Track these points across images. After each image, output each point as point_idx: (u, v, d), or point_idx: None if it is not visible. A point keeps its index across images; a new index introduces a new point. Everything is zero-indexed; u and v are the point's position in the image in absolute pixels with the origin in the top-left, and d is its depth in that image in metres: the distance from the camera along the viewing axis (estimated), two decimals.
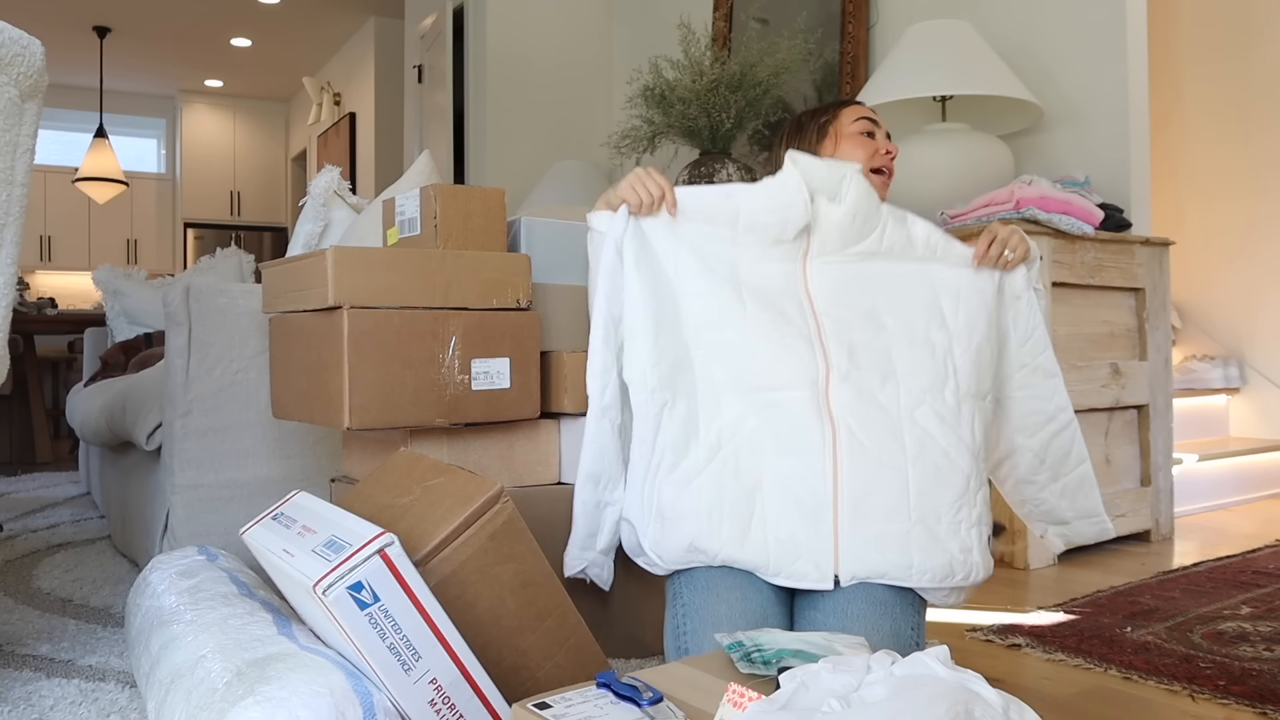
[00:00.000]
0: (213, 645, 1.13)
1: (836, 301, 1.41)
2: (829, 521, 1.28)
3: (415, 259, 1.53)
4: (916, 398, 1.36)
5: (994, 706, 0.82)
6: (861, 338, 1.38)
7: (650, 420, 1.37)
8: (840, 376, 1.35)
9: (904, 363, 1.37)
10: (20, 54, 1.36)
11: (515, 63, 4.76)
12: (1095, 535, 1.56)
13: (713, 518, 1.30)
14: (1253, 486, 3.32)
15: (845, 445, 1.31)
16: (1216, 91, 3.87)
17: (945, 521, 1.31)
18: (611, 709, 0.89)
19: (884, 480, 1.30)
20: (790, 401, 1.34)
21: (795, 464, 1.30)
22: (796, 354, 1.36)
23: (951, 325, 1.42)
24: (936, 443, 1.34)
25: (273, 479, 2.06)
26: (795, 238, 1.41)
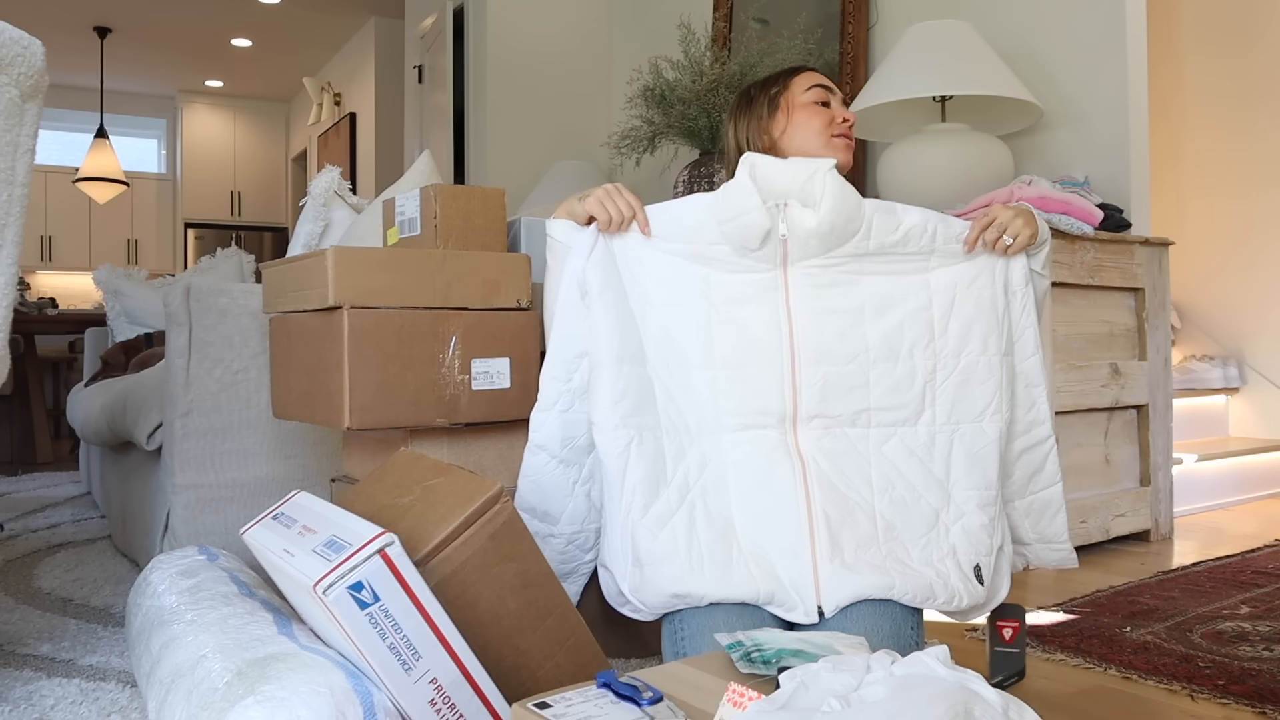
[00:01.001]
0: (213, 645, 1.13)
1: (818, 312, 1.34)
2: (807, 556, 1.25)
3: (415, 259, 1.53)
4: (887, 431, 1.33)
5: (994, 706, 0.82)
6: (837, 364, 1.33)
7: (615, 459, 1.31)
8: (808, 415, 1.32)
9: (879, 394, 1.33)
10: (21, 54, 1.37)
11: (515, 63, 4.76)
12: (1056, 563, 1.48)
13: (692, 559, 1.26)
14: (1252, 486, 3.32)
15: (815, 480, 1.29)
16: (1216, 91, 3.88)
17: (915, 554, 1.29)
18: (611, 709, 0.89)
19: (855, 515, 1.28)
20: (756, 440, 1.30)
21: (765, 501, 1.27)
22: (764, 390, 1.32)
23: (939, 345, 1.36)
24: (903, 477, 1.32)
25: (273, 479, 2.07)
26: (764, 244, 1.34)
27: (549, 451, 1.39)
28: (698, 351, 1.34)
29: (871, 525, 1.28)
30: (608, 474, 1.32)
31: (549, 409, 1.38)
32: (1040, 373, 1.42)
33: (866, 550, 1.26)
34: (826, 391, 1.32)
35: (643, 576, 1.27)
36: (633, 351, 1.33)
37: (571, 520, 1.43)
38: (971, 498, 1.34)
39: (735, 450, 1.30)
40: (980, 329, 1.36)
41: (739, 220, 1.33)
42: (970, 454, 1.35)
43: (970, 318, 1.36)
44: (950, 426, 1.35)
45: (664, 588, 1.25)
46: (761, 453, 1.30)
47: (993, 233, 1.38)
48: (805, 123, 1.48)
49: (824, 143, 1.47)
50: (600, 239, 1.36)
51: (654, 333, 1.35)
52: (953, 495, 1.33)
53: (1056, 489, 1.45)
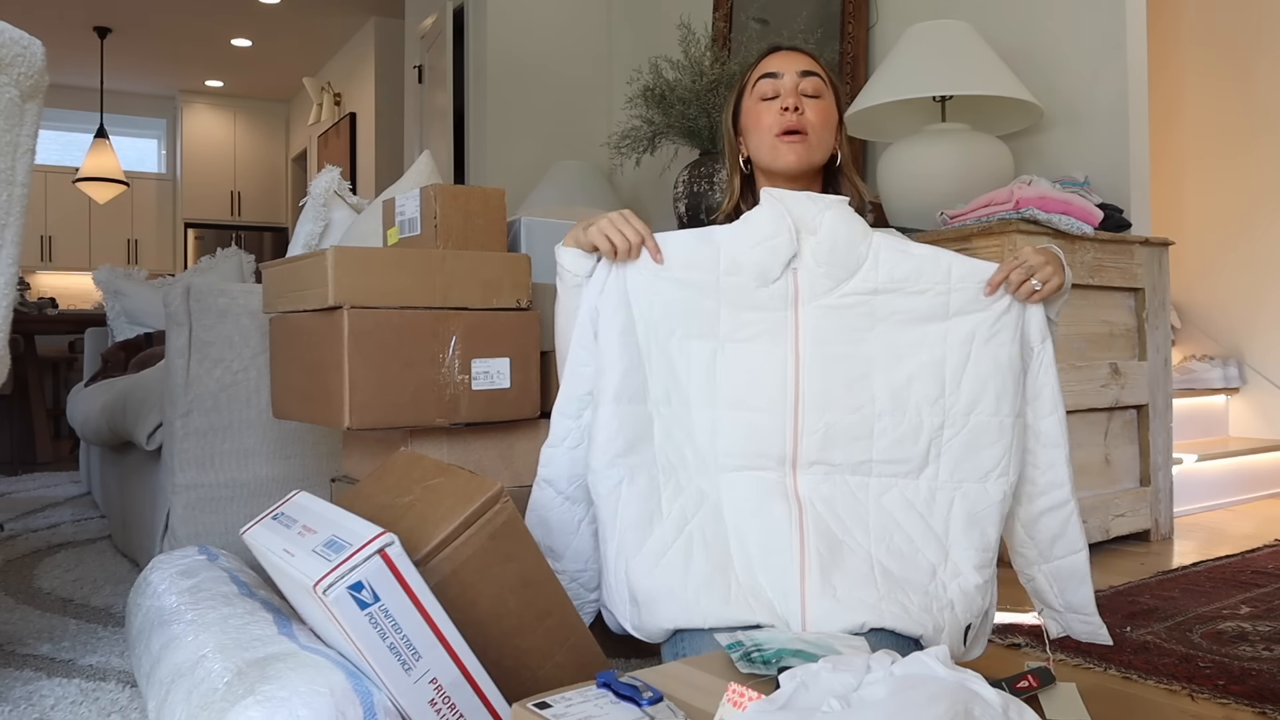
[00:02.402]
0: (213, 645, 1.13)
1: (827, 358, 1.30)
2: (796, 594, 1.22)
3: (415, 259, 1.53)
4: (887, 482, 1.29)
5: (993, 706, 0.82)
6: (842, 413, 1.29)
7: (606, 499, 1.29)
8: (808, 461, 1.29)
9: (883, 447, 1.29)
10: (21, 54, 1.37)
11: (515, 63, 4.76)
12: (1086, 636, 1.40)
13: (688, 592, 1.23)
14: (1252, 486, 3.32)
15: (811, 522, 1.26)
16: (1217, 91, 3.88)
17: (914, 600, 1.23)
18: (611, 709, 0.89)
19: (849, 558, 1.24)
20: (753, 481, 1.28)
21: (760, 539, 1.25)
22: (765, 433, 1.29)
23: (949, 402, 1.30)
24: (901, 529, 1.28)
25: (273, 479, 2.07)
26: (782, 275, 1.30)
27: (556, 488, 1.38)
28: (701, 388, 1.31)
29: (868, 569, 1.24)
30: (601, 514, 1.31)
31: (558, 445, 1.36)
32: (1060, 432, 1.34)
33: (861, 589, 1.22)
34: (829, 439, 1.29)
35: (641, 616, 1.26)
36: (634, 389, 1.30)
37: (576, 558, 1.41)
38: (969, 558, 1.29)
39: (732, 489, 1.28)
40: (995, 387, 1.30)
41: (769, 244, 1.29)
42: (970, 514, 1.30)
43: (985, 375, 1.30)
44: (953, 485, 1.30)
45: (663, 624, 1.24)
46: (758, 492, 1.27)
47: (1020, 274, 1.29)
48: (754, 127, 1.42)
49: (770, 148, 1.40)
50: (612, 269, 1.32)
51: (658, 366, 1.31)
52: (950, 553, 1.29)
53: (1080, 557, 1.37)
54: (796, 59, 1.44)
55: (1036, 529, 1.37)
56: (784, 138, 1.38)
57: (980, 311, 1.30)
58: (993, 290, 1.30)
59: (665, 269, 1.31)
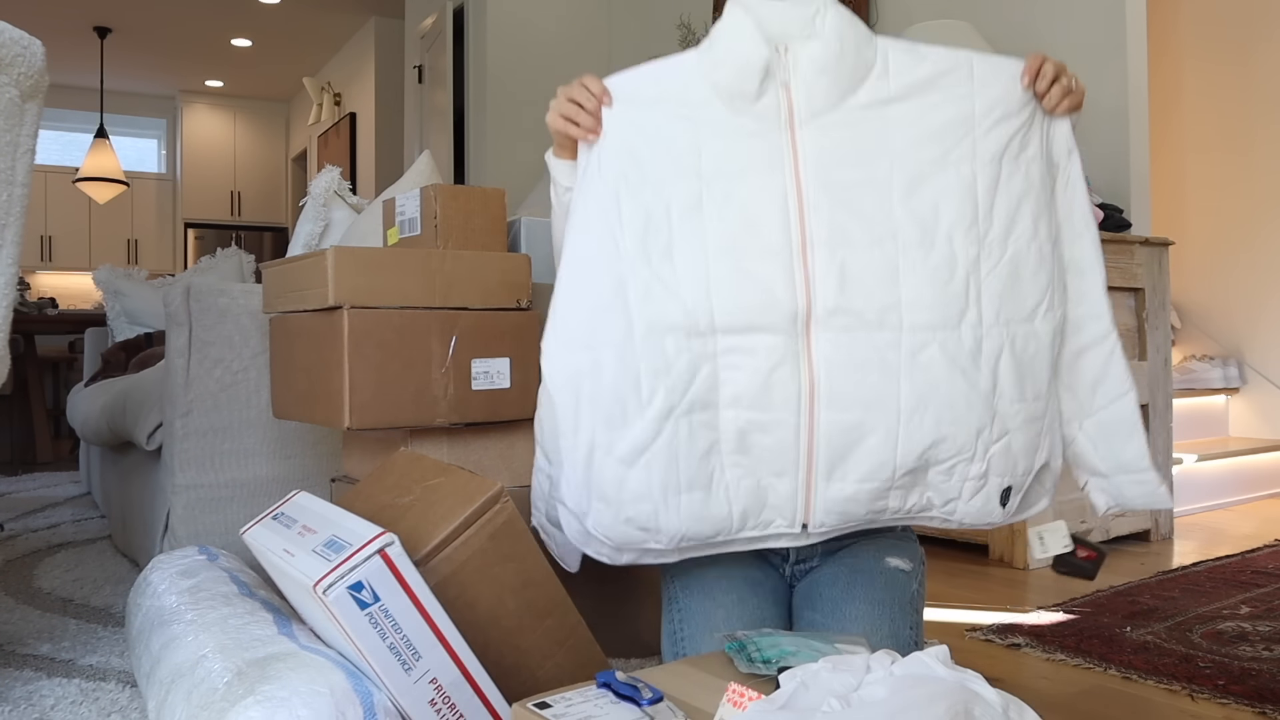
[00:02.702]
0: (213, 645, 1.13)
1: (834, 186, 1.09)
2: (801, 478, 1.09)
3: (415, 259, 1.53)
4: (923, 337, 1.08)
5: (994, 706, 0.82)
6: (861, 247, 1.08)
7: (565, 390, 1.13)
8: (826, 312, 1.07)
9: (912, 287, 1.08)
10: (21, 54, 1.37)
11: (515, 63, 4.76)
12: (1142, 500, 1.21)
13: (669, 497, 1.09)
14: (1252, 486, 3.32)
15: (825, 399, 1.08)
16: (1216, 91, 3.88)
17: (934, 476, 1.11)
18: (611, 709, 0.89)
19: (868, 440, 1.09)
20: (758, 349, 1.08)
21: (760, 420, 1.08)
22: (767, 284, 1.08)
23: (983, 228, 1.10)
24: (940, 393, 1.09)
25: (273, 479, 2.07)
26: (762, 91, 1.09)
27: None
28: (687, 240, 1.09)
29: (890, 453, 1.09)
30: (557, 408, 1.13)
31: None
32: (1094, 257, 1.17)
33: (874, 479, 1.10)
34: (846, 281, 1.07)
35: (610, 512, 1.11)
36: (601, 250, 1.11)
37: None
38: (1019, 413, 1.12)
39: (732, 355, 1.08)
40: (1030, 208, 1.11)
41: (731, 59, 1.10)
42: (1021, 361, 1.11)
43: (1019, 195, 1.11)
44: (1000, 328, 1.10)
45: (633, 521, 1.10)
46: (764, 365, 1.08)
47: (1051, 68, 1.12)
48: None
49: None
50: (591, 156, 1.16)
51: (633, 219, 1.10)
52: (999, 411, 1.10)
53: (1126, 403, 1.19)
54: None
55: (1074, 374, 1.19)
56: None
57: (1010, 120, 1.12)
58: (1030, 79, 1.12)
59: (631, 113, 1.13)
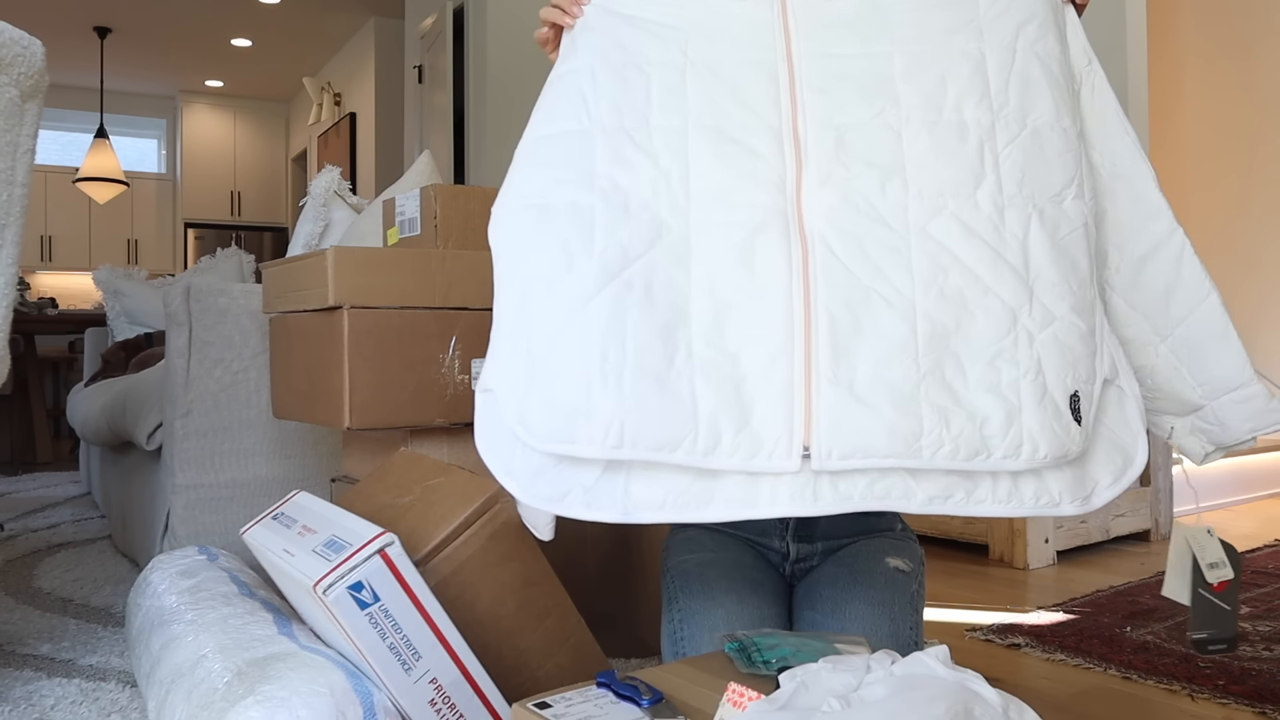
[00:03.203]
0: (213, 645, 1.13)
1: (828, 57, 0.99)
2: (798, 365, 0.89)
3: (415, 259, 1.53)
4: (933, 204, 0.94)
5: (994, 706, 0.82)
6: (858, 116, 0.97)
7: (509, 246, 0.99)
8: (819, 179, 0.95)
9: (918, 152, 0.95)
10: (21, 54, 1.37)
11: (515, 63, 4.76)
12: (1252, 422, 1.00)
13: (608, 361, 0.89)
14: (1252, 486, 3.32)
15: (822, 269, 0.92)
16: (1216, 92, 3.88)
17: (974, 374, 0.90)
18: (611, 709, 0.89)
19: (877, 312, 0.91)
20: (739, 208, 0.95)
21: (742, 283, 0.92)
22: (753, 148, 0.97)
23: (998, 100, 0.97)
24: (960, 263, 0.92)
25: (273, 479, 2.07)
26: None
27: None
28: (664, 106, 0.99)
29: (907, 329, 0.90)
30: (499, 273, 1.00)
31: None
32: (1139, 157, 1.02)
33: (891, 368, 0.89)
34: (842, 148, 0.96)
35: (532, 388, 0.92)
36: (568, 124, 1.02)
37: None
38: (1063, 296, 0.93)
39: (707, 218, 0.94)
40: (1051, 95, 0.99)
41: None
42: (1054, 239, 0.95)
43: (1037, 80, 0.99)
44: (1023, 200, 0.95)
45: (557, 402, 0.89)
46: (745, 225, 0.94)
47: None
48: None
49: None
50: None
51: (609, 86, 1.01)
52: (1036, 291, 0.93)
53: (1211, 305, 1.00)
54: None
55: (1139, 287, 1.02)
56: None
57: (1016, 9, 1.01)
58: None
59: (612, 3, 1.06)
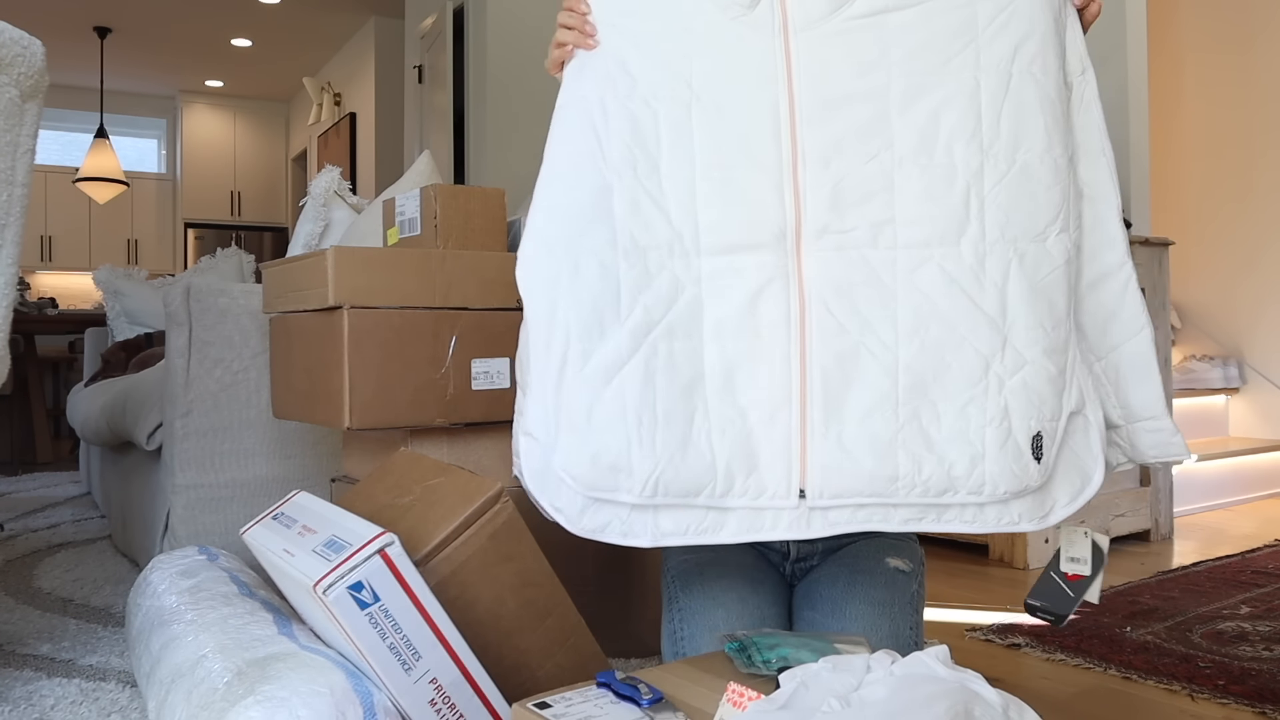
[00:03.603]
0: (213, 645, 1.13)
1: (829, 98, 1.04)
2: (795, 422, 1.03)
3: (415, 259, 1.53)
4: (920, 254, 1.03)
5: (994, 706, 0.82)
6: (855, 159, 1.04)
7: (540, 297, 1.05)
8: (816, 230, 1.03)
9: (908, 201, 1.03)
10: (21, 54, 1.37)
11: (515, 63, 4.76)
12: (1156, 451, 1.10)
13: (643, 426, 1.01)
14: (1252, 486, 3.32)
15: (817, 325, 1.03)
16: (1217, 91, 3.88)
17: (947, 421, 1.02)
18: (611, 709, 0.89)
19: (864, 366, 1.02)
20: (745, 267, 1.04)
21: (746, 346, 1.03)
22: (756, 199, 1.04)
23: (988, 135, 1.03)
24: (940, 314, 1.03)
25: (273, 479, 2.07)
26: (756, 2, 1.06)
27: None
28: (674, 151, 1.06)
29: (890, 382, 1.02)
30: (530, 323, 1.07)
31: None
32: (1109, 182, 1.08)
33: (874, 420, 1.01)
34: (839, 197, 1.04)
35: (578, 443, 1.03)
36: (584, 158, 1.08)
37: None
38: (1036, 340, 1.03)
39: (717, 279, 1.04)
40: (1043, 122, 1.04)
41: None
42: (1033, 283, 1.03)
43: (1031, 106, 1.04)
44: (1005, 245, 1.03)
45: (601, 457, 1.02)
46: (751, 284, 1.03)
47: None
48: None
49: None
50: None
51: (620, 126, 1.07)
52: (1010, 338, 1.03)
53: (1141, 341, 1.09)
54: None
55: (1084, 310, 1.10)
56: None
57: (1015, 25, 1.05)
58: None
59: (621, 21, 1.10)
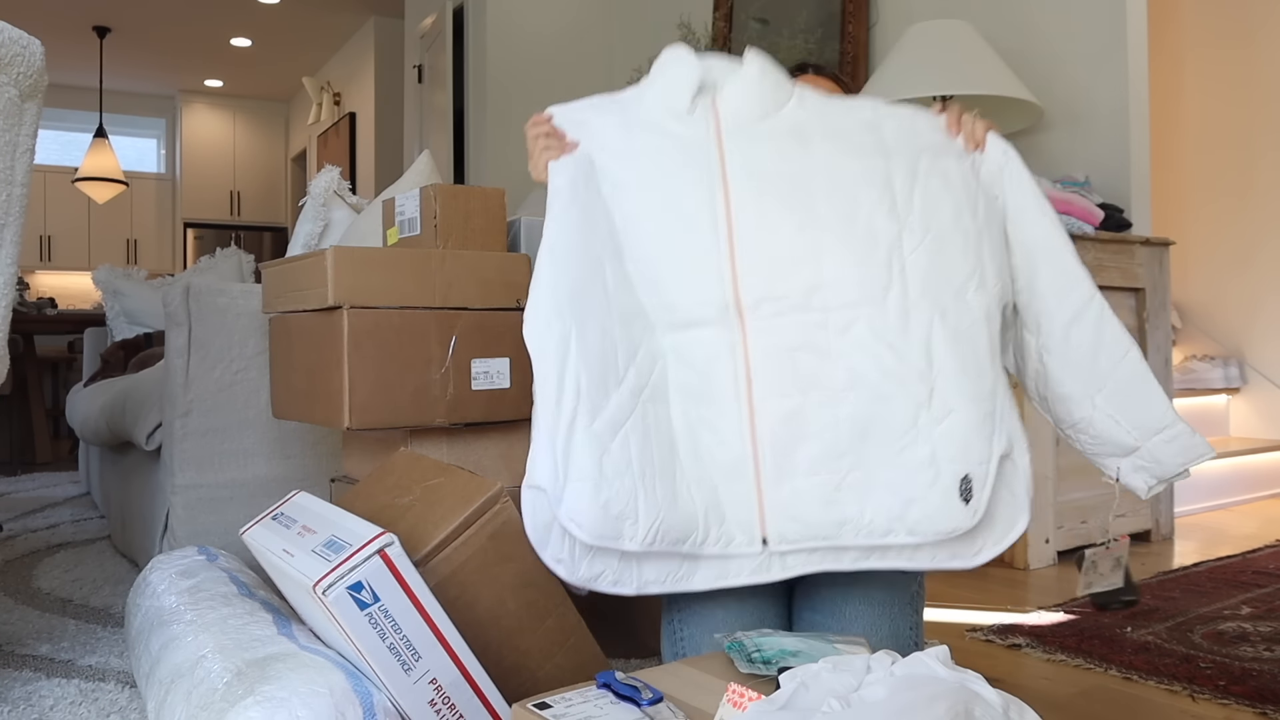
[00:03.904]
0: (213, 645, 1.13)
1: (758, 176, 1.16)
2: (751, 477, 1.13)
3: (415, 259, 1.53)
4: (848, 314, 1.13)
5: (994, 706, 0.82)
6: (784, 234, 1.14)
7: (551, 356, 1.12)
8: (754, 301, 1.14)
9: (834, 265, 1.13)
10: (20, 54, 1.36)
11: (515, 63, 4.76)
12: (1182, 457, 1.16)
13: (646, 478, 1.10)
14: (1253, 486, 3.32)
15: (762, 389, 1.13)
16: (1217, 91, 3.87)
17: (884, 465, 1.11)
18: (611, 709, 0.89)
19: (809, 425, 1.12)
20: (696, 342, 1.15)
21: (705, 415, 1.14)
22: (700, 279, 1.15)
23: (903, 209, 1.14)
24: (871, 368, 1.12)
25: (273, 479, 2.06)
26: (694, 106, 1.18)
27: None
28: (631, 235, 1.18)
29: (832, 435, 1.12)
30: (541, 376, 1.13)
31: None
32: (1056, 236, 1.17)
33: (819, 472, 1.12)
34: (774, 267, 1.14)
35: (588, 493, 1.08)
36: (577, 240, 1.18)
37: None
38: (961, 389, 1.11)
39: (678, 351, 1.16)
40: (950, 202, 1.16)
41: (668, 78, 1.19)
42: (955, 333, 1.13)
43: (937, 191, 1.16)
44: (926, 302, 1.13)
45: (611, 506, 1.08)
46: (702, 357, 1.15)
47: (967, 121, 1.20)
48: None
49: None
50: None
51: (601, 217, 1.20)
52: (936, 387, 1.12)
53: (1133, 359, 1.17)
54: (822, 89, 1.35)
55: (1070, 349, 1.18)
56: None
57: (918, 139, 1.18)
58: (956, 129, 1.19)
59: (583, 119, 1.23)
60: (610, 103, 1.24)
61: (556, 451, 1.09)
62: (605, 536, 1.08)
